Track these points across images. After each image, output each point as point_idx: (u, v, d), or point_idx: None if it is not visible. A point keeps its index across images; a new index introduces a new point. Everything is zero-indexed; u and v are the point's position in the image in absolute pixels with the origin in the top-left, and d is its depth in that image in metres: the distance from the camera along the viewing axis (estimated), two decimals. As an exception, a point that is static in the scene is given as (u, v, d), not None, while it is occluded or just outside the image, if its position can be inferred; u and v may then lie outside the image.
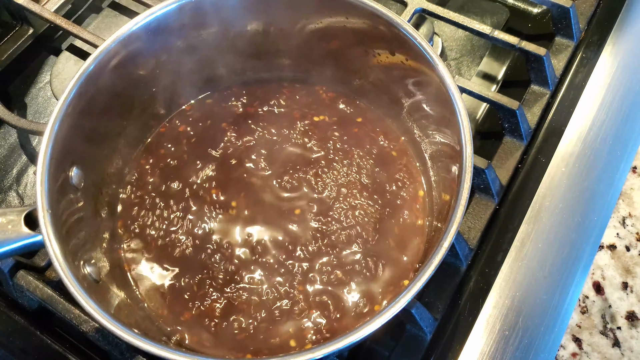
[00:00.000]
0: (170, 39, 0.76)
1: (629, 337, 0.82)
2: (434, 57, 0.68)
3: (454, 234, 0.58)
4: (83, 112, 0.69)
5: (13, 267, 0.74)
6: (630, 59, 0.90)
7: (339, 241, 0.74)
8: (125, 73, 0.74)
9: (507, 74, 0.96)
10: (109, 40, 0.70)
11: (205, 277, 0.73)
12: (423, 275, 0.57)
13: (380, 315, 0.55)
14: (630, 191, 0.92)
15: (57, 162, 0.64)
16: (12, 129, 0.92)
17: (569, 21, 0.91)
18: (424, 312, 0.70)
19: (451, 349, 0.71)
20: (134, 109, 0.79)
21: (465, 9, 1.01)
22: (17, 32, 0.99)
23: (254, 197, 0.78)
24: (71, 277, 0.58)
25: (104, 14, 1.03)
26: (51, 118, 0.64)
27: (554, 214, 0.78)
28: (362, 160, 0.80)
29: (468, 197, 0.60)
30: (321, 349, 0.54)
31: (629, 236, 0.89)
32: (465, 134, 0.63)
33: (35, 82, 0.98)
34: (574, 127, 0.85)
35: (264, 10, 0.78)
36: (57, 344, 0.72)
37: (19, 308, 0.75)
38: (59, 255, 0.58)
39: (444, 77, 0.66)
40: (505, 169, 0.82)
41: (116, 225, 0.77)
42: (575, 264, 0.75)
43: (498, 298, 0.73)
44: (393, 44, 0.74)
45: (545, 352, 0.70)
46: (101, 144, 0.76)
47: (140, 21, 0.71)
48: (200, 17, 0.75)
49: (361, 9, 0.72)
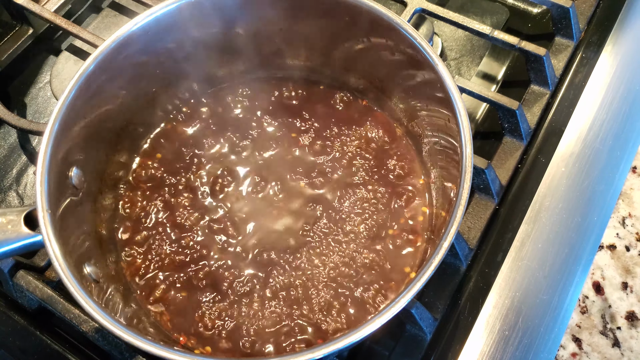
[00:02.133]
0: (170, 39, 0.76)
1: (628, 337, 0.82)
2: (434, 57, 0.68)
3: (454, 233, 0.58)
4: (83, 112, 0.69)
5: (13, 267, 0.74)
6: (630, 59, 0.90)
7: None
8: (125, 73, 0.74)
9: (507, 74, 0.96)
10: (109, 40, 0.70)
11: (206, 278, 0.73)
12: (423, 275, 0.57)
13: (380, 315, 0.55)
14: (630, 191, 0.92)
15: (57, 162, 0.64)
16: (12, 129, 0.92)
17: (569, 21, 0.91)
18: (424, 312, 0.70)
19: (451, 349, 0.71)
20: (134, 109, 0.79)
21: (465, 9, 1.01)
22: (17, 32, 0.99)
23: (258, 202, 0.78)
24: (71, 277, 0.58)
25: (104, 14, 1.03)
26: (51, 118, 0.64)
27: (554, 214, 0.78)
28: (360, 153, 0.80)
29: (468, 197, 0.60)
30: (321, 349, 0.54)
31: (628, 236, 0.89)
32: (465, 134, 0.63)
33: (35, 82, 0.98)
34: (574, 127, 0.85)
35: (264, 11, 0.78)
36: (56, 344, 0.72)
37: (18, 308, 0.75)
38: (58, 256, 0.58)
39: (444, 77, 0.66)
40: (505, 169, 0.82)
41: (116, 225, 0.77)
42: (575, 264, 0.75)
43: (498, 298, 0.73)
44: (393, 45, 0.74)
45: (545, 352, 0.70)
46: (101, 144, 0.75)
47: (140, 21, 0.71)
48: (200, 17, 0.75)
49: (360, 10, 0.72)
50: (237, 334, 0.70)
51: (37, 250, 0.77)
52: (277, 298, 0.71)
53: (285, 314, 0.70)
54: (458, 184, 0.62)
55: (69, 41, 1.00)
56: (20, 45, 0.98)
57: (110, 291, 0.68)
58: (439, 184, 0.75)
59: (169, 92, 0.83)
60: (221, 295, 0.72)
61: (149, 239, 0.76)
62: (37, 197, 0.61)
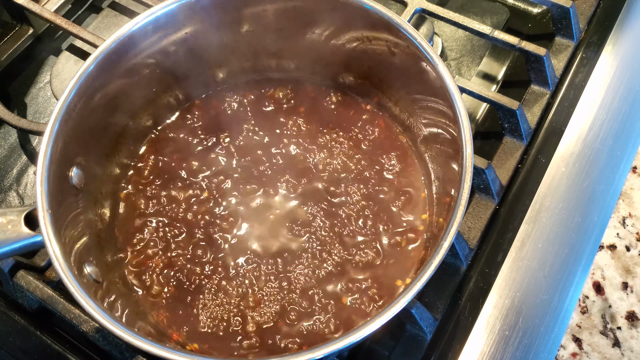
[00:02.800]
0: (171, 39, 0.76)
1: (629, 337, 0.82)
2: (434, 56, 0.68)
3: (454, 233, 0.58)
4: (83, 112, 0.69)
5: (13, 267, 0.74)
6: (630, 59, 0.90)
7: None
8: (125, 73, 0.74)
9: (507, 74, 0.96)
10: (109, 40, 0.70)
11: (207, 279, 0.73)
12: (423, 275, 0.57)
13: (380, 315, 0.55)
14: (630, 191, 0.92)
15: (57, 162, 0.64)
16: (12, 129, 0.92)
17: (569, 21, 0.91)
18: (424, 312, 0.70)
19: (451, 349, 0.71)
20: (135, 109, 0.79)
21: (465, 9, 1.01)
22: (17, 32, 0.99)
23: (255, 204, 0.78)
24: (71, 277, 0.58)
25: (104, 14, 1.03)
26: (51, 118, 0.64)
27: (554, 214, 0.78)
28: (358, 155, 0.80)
29: (468, 197, 0.60)
30: (321, 349, 0.54)
31: (629, 236, 0.89)
32: (465, 134, 0.63)
33: (36, 82, 0.98)
34: (574, 127, 0.85)
35: (263, 11, 0.78)
36: (57, 344, 0.72)
37: (19, 308, 0.75)
38: (59, 255, 0.58)
39: (444, 76, 0.66)
40: (505, 169, 0.82)
41: (117, 225, 0.77)
42: (575, 264, 0.75)
43: (498, 298, 0.73)
44: (392, 45, 0.73)
45: (545, 352, 0.70)
46: (101, 144, 0.75)
47: (140, 21, 0.71)
48: (200, 17, 0.75)
49: (360, 10, 0.72)
50: (233, 333, 0.70)
51: (38, 250, 0.77)
52: (272, 299, 0.71)
53: (279, 315, 0.70)
54: (458, 184, 0.62)
55: (69, 41, 1.00)
56: (20, 45, 0.98)
57: (110, 291, 0.68)
58: (439, 185, 0.75)
59: (169, 93, 0.83)
60: (220, 294, 0.72)
61: (149, 239, 0.76)
62: (37, 197, 0.61)
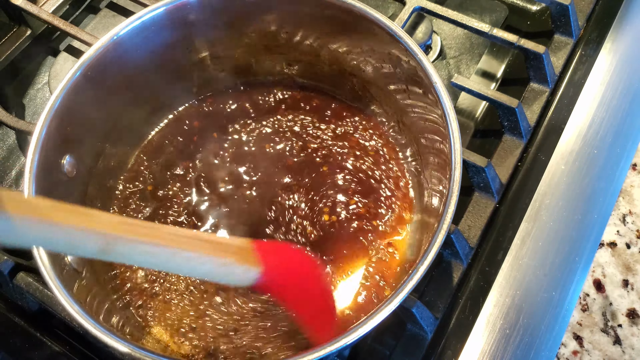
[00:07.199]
0: (167, 38, 0.76)
1: (629, 334, 0.82)
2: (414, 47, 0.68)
3: (446, 230, 0.59)
4: (77, 108, 0.69)
5: (13, 268, 0.74)
6: (630, 56, 0.90)
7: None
8: (121, 70, 0.74)
9: (506, 71, 0.95)
10: (107, 35, 0.70)
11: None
12: (417, 272, 0.57)
13: (378, 312, 0.55)
14: (630, 188, 0.92)
15: (49, 149, 0.65)
16: (10, 131, 0.92)
17: (568, 18, 0.90)
18: (425, 311, 0.70)
19: (452, 348, 0.71)
20: (130, 107, 0.79)
21: (464, 6, 1.01)
22: (15, 33, 0.99)
23: (252, 199, 0.78)
24: (51, 270, 0.58)
25: (102, 15, 1.03)
26: (43, 112, 0.66)
27: (554, 212, 0.78)
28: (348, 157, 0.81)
29: (459, 192, 0.60)
30: (321, 349, 0.54)
31: (629, 233, 0.89)
32: (453, 128, 0.63)
33: (33, 83, 0.98)
34: (574, 124, 0.85)
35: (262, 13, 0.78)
36: (57, 346, 0.72)
37: (19, 310, 0.75)
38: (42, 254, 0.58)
39: (425, 67, 0.66)
40: (505, 167, 0.81)
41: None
42: (575, 261, 0.75)
43: (499, 296, 0.73)
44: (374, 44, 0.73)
45: (546, 350, 0.70)
46: (94, 139, 0.75)
47: (142, 17, 0.71)
48: (197, 17, 0.75)
49: (350, 11, 0.72)
50: (225, 334, 0.70)
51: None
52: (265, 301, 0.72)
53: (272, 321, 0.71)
54: (448, 179, 0.61)
55: (67, 42, 1.00)
56: (18, 46, 0.98)
57: (93, 287, 0.68)
58: (429, 186, 0.75)
59: (166, 92, 0.83)
60: (209, 293, 0.72)
61: None
62: (24, 183, 0.60)
